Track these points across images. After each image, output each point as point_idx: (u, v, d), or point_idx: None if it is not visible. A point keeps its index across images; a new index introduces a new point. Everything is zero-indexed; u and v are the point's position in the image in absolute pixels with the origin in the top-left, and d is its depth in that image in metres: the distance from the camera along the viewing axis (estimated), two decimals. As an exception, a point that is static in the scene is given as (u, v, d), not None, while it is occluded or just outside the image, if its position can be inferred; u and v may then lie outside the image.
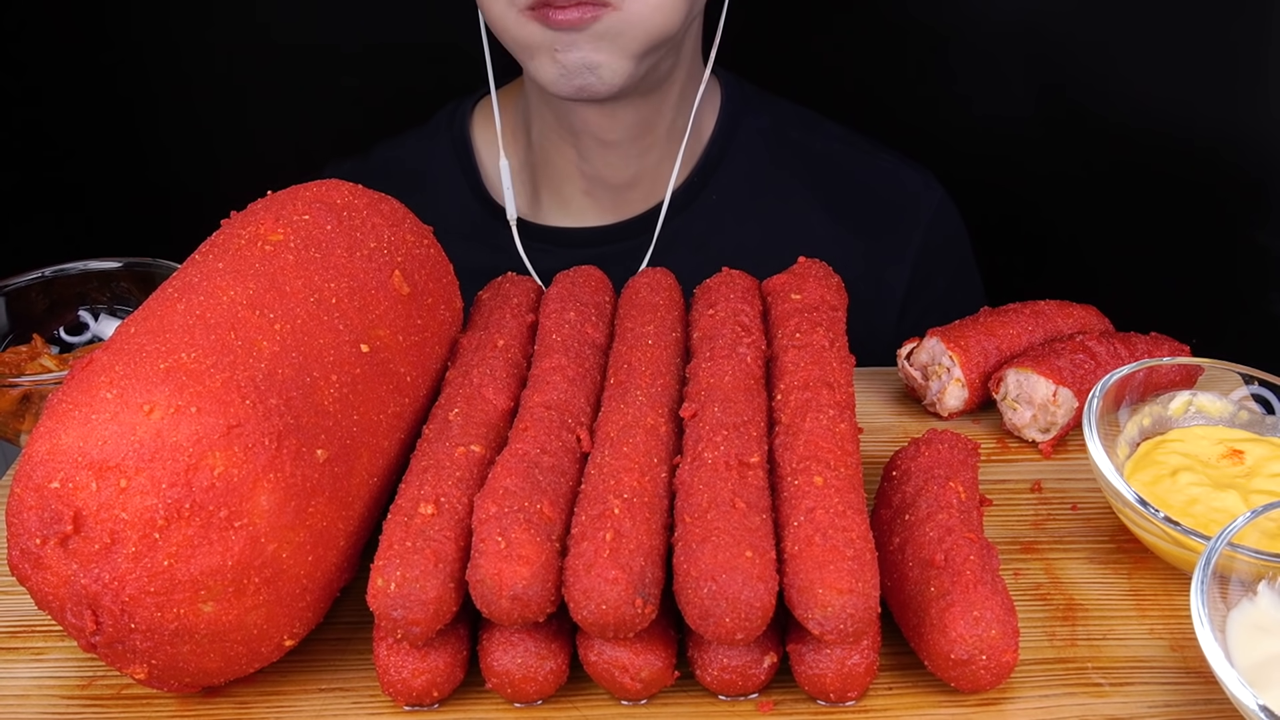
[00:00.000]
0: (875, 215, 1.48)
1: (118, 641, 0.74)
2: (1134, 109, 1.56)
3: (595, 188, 1.45)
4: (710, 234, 1.45)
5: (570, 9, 1.18)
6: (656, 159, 1.44)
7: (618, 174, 1.43)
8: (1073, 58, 1.64)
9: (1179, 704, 0.81)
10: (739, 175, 1.47)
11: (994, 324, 1.11)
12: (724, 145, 1.47)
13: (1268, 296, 1.49)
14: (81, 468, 0.71)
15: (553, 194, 1.47)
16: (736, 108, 1.48)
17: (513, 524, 0.77)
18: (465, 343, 1.01)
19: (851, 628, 0.74)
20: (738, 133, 1.48)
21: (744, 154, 1.47)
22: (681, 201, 1.45)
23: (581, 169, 1.43)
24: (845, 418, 0.89)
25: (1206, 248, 1.54)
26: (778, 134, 1.50)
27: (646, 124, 1.39)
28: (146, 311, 0.81)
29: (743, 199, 1.47)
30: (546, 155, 1.45)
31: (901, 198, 1.49)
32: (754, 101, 1.50)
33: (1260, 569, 0.81)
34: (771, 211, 1.47)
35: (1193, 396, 1.03)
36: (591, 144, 1.40)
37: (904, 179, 1.50)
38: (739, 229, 1.45)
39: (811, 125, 1.52)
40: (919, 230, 1.48)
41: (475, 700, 0.81)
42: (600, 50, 1.22)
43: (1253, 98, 1.45)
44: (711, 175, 1.46)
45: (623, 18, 1.20)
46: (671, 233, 1.44)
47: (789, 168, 1.49)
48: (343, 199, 0.94)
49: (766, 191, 1.48)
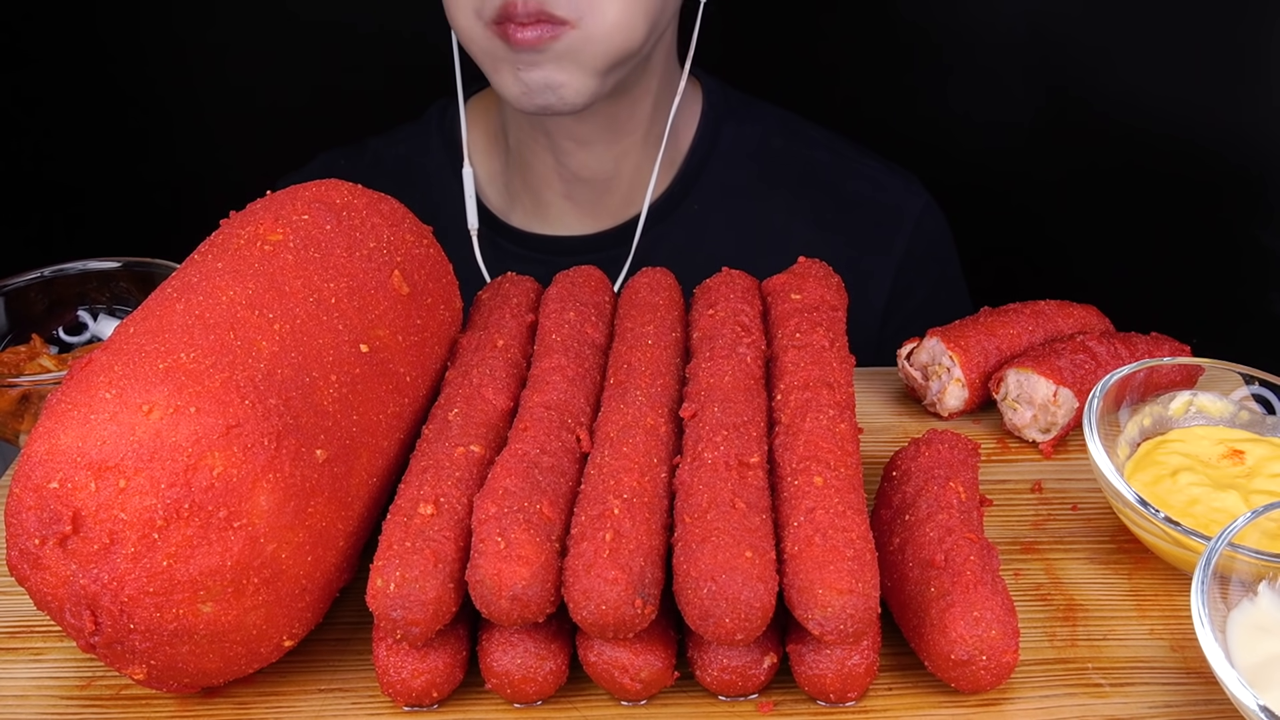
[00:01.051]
0: (858, 222, 1.48)
1: (117, 642, 0.74)
2: (1134, 109, 1.56)
3: (574, 189, 1.44)
4: (692, 243, 1.44)
5: (529, 27, 1.18)
6: (635, 163, 1.43)
7: (594, 171, 1.42)
8: (1073, 58, 1.64)
9: (1179, 704, 0.81)
10: (720, 184, 1.47)
11: (994, 324, 1.11)
12: (705, 153, 1.46)
13: (1268, 296, 1.49)
14: (80, 468, 0.71)
15: (532, 199, 1.47)
16: (718, 114, 1.48)
17: (512, 524, 0.77)
18: (465, 343, 1.00)
19: (851, 628, 0.74)
20: (719, 141, 1.47)
21: (725, 162, 1.47)
22: (663, 210, 1.45)
23: (559, 171, 1.43)
24: (845, 418, 0.88)
25: (1207, 248, 1.54)
26: (760, 141, 1.49)
27: (617, 123, 1.39)
28: (146, 311, 0.81)
29: (724, 207, 1.46)
30: (525, 159, 1.45)
31: (884, 204, 1.48)
32: (737, 108, 1.49)
33: (1261, 569, 0.81)
34: (754, 220, 1.46)
35: (1193, 396, 1.03)
36: (566, 141, 1.40)
37: (887, 185, 1.49)
38: (720, 238, 1.45)
39: (795, 131, 1.51)
40: (902, 237, 1.48)
41: (475, 700, 0.81)
42: (562, 70, 1.22)
43: (1254, 97, 1.45)
44: (693, 184, 1.46)
45: (583, 35, 1.19)
46: (651, 242, 1.44)
47: (771, 175, 1.48)
48: (342, 199, 0.94)
49: (748, 199, 1.47)
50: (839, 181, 1.49)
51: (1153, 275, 1.60)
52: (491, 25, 1.21)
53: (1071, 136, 1.65)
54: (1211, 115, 1.49)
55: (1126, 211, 1.62)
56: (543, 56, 1.20)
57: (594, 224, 1.47)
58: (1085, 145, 1.63)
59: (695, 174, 1.46)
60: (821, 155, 1.50)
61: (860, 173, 1.49)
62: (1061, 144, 1.66)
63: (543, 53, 1.20)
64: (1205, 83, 1.48)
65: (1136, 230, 1.62)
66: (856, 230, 1.47)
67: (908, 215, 1.48)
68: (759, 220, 1.46)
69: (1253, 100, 1.45)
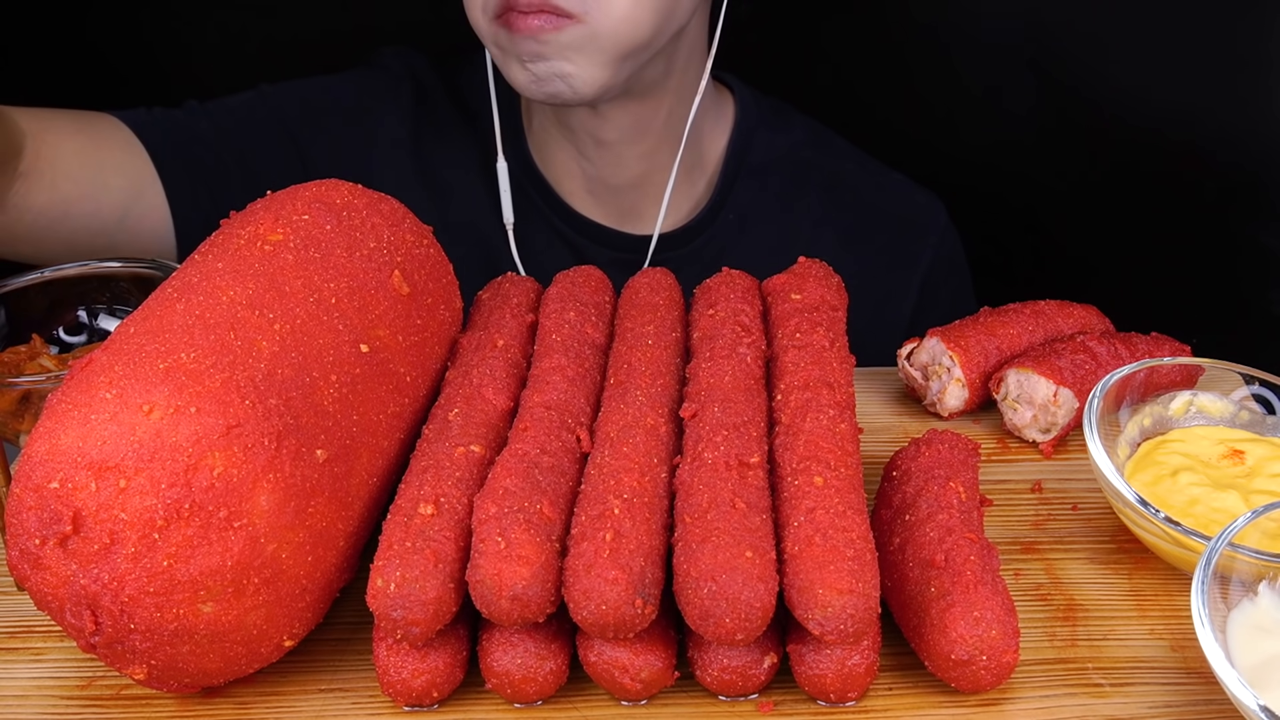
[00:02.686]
0: (886, 237, 1.51)
1: (117, 642, 0.74)
2: (1134, 109, 1.56)
3: (597, 188, 1.45)
4: (725, 253, 1.45)
5: (531, 16, 1.18)
6: (660, 170, 1.43)
7: (617, 175, 1.43)
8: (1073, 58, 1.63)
9: (1179, 704, 0.81)
10: (752, 194, 1.48)
11: (994, 324, 1.11)
12: (738, 163, 1.47)
13: (1268, 296, 1.48)
14: (81, 468, 0.71)
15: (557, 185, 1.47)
16: (751, 123, 1.48)
17: (513, 524, 0.77)
18: (465, 343, 1.00)
19: (852, 628, 0.74)
20: (751, 150, 1.48)
21: (757, 172, 1.48)
22: (703, 223, 1.46)
23: (583, 168, 1.43)
24: (845, 418, 0.88)
25: (1207, 248, 1.54)
26: (791, 151, 1.50)
27: (642, 126, 1.39)
28: (146, 311, 0.81)
29: (755, 217, 1.47)
30: (549, 152, 1.45)
31: (911, 220, 1.52)
32: (769, 117, 1.50)
33: (1261, 569, 0.81)
34: (783, 230, 1.48)
35: (1193, 396, 1.03)
36: (589, 142, 1.39)
37: (913, 200, 1.52)
38: (751, 248, 1.46)
39: (824, 143, 1.53)
40: (927, 252, 1.51)
41: (475, 700, 0.81)
42: (570, 60, 1.21)
43: (1254, 97, 1.45)
44: (728, 194, 1.47)
45: (589, 31, 1.19)
46: (691, 252, 1.45)
47: (801, 186, 1.50)
48: (342, 199, 0.94)
49: (778, 210, 1.48)
50: (866, 194, 1.52)
51: (1153, 275, 1.60)
52: (496, 19, 1.21)
53: (1072, 136, 1.65)
54: (1211, 115, 1.49)
55: (1126, 211, 1.62)
56: (548, 48, 1.20)
57: (619, 222, 1.47)
58: (1085, 145, 1.63)
59: (729, 185, 1.47)
60: (849, 168, 1.52)
61: (887, 187, 1.53)
62: (1062, 144, 1.66)
63: (546, 44, 1.20)
64: (1205, 83, 1.48)
65: (1136, 230, 1.62)
66: (884, 244, 1.50)
67: (932, 230, 1.52)
68: (788, 231, 1.48)
69: (1253, 100, 1.45)
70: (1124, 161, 1.59)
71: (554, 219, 1.46)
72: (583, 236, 1.46)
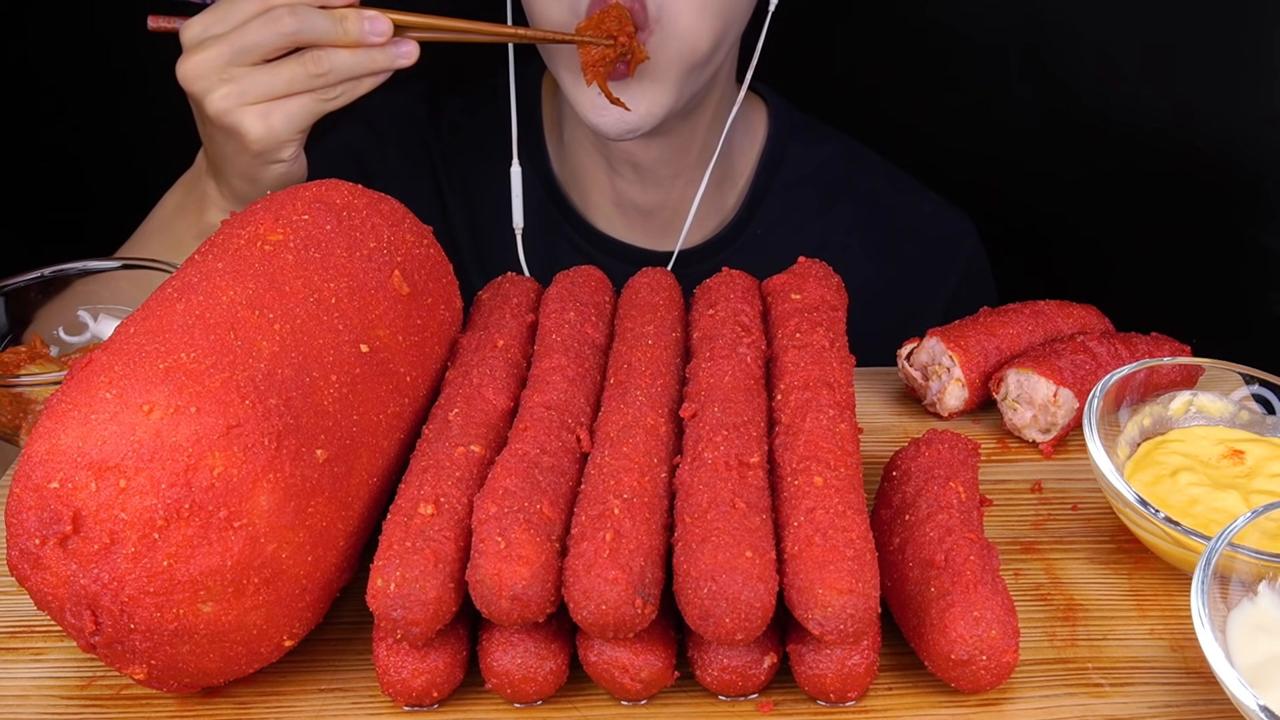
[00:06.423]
0: (916, 255, 1.51)
1: (117, 642, 0.74)
2: (1135, 109, 1.56)
3: (625, 205, 1.45)
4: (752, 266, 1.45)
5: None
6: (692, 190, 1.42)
7: (646, 195, 1.43)
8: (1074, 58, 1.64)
9: (1179, 704, 0.81)
10: (783, 207, 1.47)
11: (994, 324, 1.11)
12: (770, 176, 1.47)
13: (1268, 296, 1.49)
14: (81, 468, 0.71)
15: (581, 198, 1.47)
16: (784, 137, 1.48)
17: (513, 524, 0.77)
18: (465, 343, 1.00)
19: (851, 628, 0.74)
20: (783, 163, 1.47)
21: (789, 185, 1.48)
22: (730, 235, 1.45)
23: (614, 184, 1.43)
24: (845, 418, 0.88)
25: (1207, 248, 1.54)
26: (823, 165, 1.50)
27: (682, 148, 1.39)
28: (146, 311, 0.81)
29: (785, 231, 1.47)
30: (579, 163, 1.44)
31: (943, 239, 1.52)
32: (802, 130, 1.50)
33: (1261, 569, 0.81)
34: (812, 245, 1.47)
35: (1193, 396, 1.03)
36: (624, 166, 1.39)
37: (943, 218, 1.52)
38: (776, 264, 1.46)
39: (856, 157, 1.52)
40: (957, 270, 1.51)
41: (475, 700, 0.81)
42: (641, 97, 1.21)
43: (1254, 97, 1.45)
44: (758, 207, 1.46)
45: (658, 41, 1.19)
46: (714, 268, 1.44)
47: (832, 200, 1.49)
48: (342, 199, 0.94)
49: (808, 226, 1.48)
50: (898, 211, 1.52)
51: (1153, 275, 1.60)
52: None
53: (1072, 136, 1.65)
54: (1212, 115, 1.49)
55: (1126, 211, 1.62)
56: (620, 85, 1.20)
57: (643, 238, 1.47)
58: (1086, 145, 1.63)
59: (760, 197, 1.46)
60: (880, 183, 1.52)
61: (917, 203, 1.53)
62: (1062, 144, 1.66)
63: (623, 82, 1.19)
64: (1206, 83, 1.48)
65: (1137, 230, 1.62)
66: (914, 262, 1.51)
67: (963, 249, 1.53)
68: (815, 246, 1.48)
69: (1253, 100, 1.45)
70: (1125, 161, 1.59)
71: (575, 235, 1.46)
72: (607, 255, 1.46)
